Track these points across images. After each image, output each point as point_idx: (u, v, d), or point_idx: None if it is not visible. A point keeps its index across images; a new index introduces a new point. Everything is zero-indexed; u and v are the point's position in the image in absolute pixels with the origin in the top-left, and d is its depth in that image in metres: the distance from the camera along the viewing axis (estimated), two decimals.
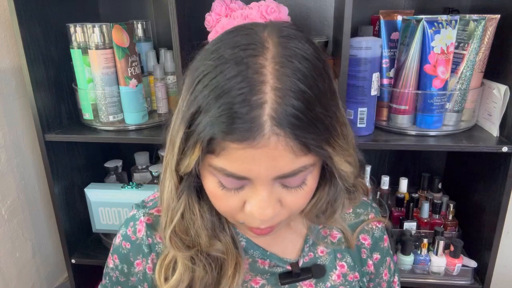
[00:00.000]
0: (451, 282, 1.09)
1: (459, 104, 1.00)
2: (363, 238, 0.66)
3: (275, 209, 0.47)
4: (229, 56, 0.43)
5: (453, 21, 0.91)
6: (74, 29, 1.04)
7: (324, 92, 0.44)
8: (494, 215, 1.01)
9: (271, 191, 0.46)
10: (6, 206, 1.19)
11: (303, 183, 0.47)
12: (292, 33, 0.46)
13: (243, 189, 0.47)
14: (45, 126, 1.07)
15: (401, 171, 1.38)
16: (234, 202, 0.48)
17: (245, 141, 0.41)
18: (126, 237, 0.61)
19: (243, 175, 0.44)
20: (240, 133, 0.41)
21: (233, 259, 0.56)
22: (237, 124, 0.41)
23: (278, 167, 0.43)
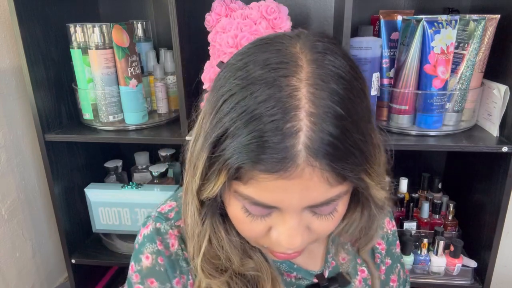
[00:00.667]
0: (451, 282, 1.08)
1: (459, 104, 1.00)
2: (378, 243, 0.65)
3: (304, 237, 0.44)
4: (258, 76, 0.39)
5: (453, 21, 0.91)
6: (74, 29, 1.04)
7: (362, 115, 0.40)
8: (494, 215, 1.01)
9: (301, 219, 0.43)
10: (6, 206, 1.19)
11: (334, 210, 0.45)
12: (327, 47, 0.42)
13: (270, 216, 0.44)
14: (45, 126, 1.07)
15: (401, 171, 1.38)
16: (259, 227, 0.45)
17: (277, 172, 0.38)
18: (159, 253, 0.54)
19: (272, 205, 0.41)
20: (272, 163, 0.37)
21: (268, 275, 0.53)
22: (268, 154, 0.37)
23: (311, 197, 0.40)
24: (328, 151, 0.37)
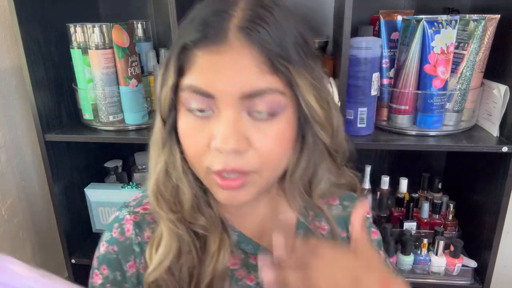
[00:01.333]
0: (451, 282, 1.09)
1: (459, 104, 1.00)
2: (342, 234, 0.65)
3: (240, 142, 0.45)
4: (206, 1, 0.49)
5: (453, 21, 0.91)
6: (74, 29, 1.04)
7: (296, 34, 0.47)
8: (494, 215, 1.01)
9: (237, 118, 0.45)
10: (6, 206, 1.19)
11: (273, 117, 0.46)
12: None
13: (210, 119, 0.47)
14: (45, 126, 1.07)
15: (401, 171, 1.38)
16: (202, 137, 0.47)
17: (210, 45, 0.44)
18: (113, 241, 0.57)
19: (207, 89, 0.45)
20: (207, 36, 0.44)
21: (216, 235, 0.54)
22: (202, 30, 0.45)
23: (242, 80, 0.44)
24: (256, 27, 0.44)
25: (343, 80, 0.93)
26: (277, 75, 0.45)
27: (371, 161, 1.35)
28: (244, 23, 0.44)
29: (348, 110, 0.98)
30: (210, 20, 0.45)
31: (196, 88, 0.46)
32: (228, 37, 0.44)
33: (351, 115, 0.99)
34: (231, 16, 0.45)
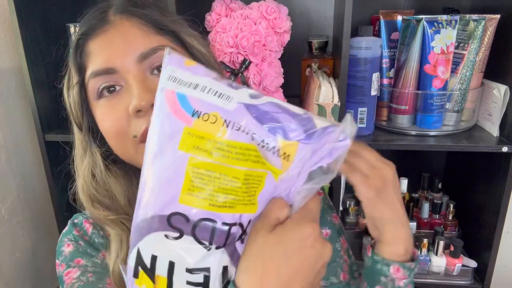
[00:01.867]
0: (451, 282, 1.08)
1: (459, 104, 1.00)
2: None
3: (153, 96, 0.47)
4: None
5: (453, 21, 0.91)
6: (74, 29, 1.04)
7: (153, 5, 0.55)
8: (494, 215, 1.01)
9: (143, 78, 0.49)
10: (6, 206, 1.19)
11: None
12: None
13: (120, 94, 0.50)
14: (45, 126, 1.07)
15: (401, 171, 1.38)
16: (119, 112, 0.50)
17: (96, 29, 0.51)
18: (77, 238, 0.60)
19: (107, 65, 0.49)
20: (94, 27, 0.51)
21: None
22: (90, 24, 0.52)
23: (133, 45, 0.49)
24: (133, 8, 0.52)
25: (343, 80, 0.93)
26: (162, 35, 0.52)
27: None
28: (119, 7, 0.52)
29: (348, 110, 0.98)
30: (92, 16, 0.53)
31: (98, 71, 0.50)
32: (109, 18, 0.51)
33: (351, 115, 0.99)
34: (107, 8, 0.53)
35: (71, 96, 0.55)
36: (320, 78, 0.97)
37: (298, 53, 1.21)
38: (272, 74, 0.97)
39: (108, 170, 0.56)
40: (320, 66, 1.12)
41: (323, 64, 1.12)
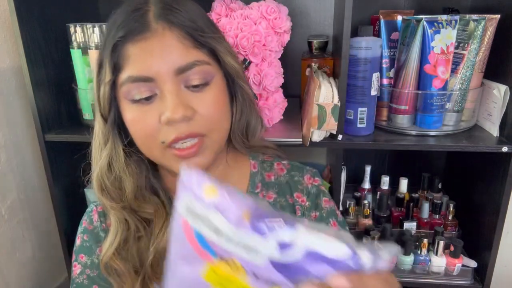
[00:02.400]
0: (451, 282, 1.08)
1: (459, 104, 1.00)
2: (297, 196, 0.69)
3: (187, 110, 0.52)
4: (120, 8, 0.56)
5: (453, 21, 0.91)
6: (74, 29, 1.04)
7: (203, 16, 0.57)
8: (494, 215, 1.01)
9: (178, 92, 0.52)
10: (6, 206, 1.19)
11: (206, 84, 0.54)
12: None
13: (155, 101, 0.53)
14: (45, 126, 1.07)
15: (401, 171, 1.38)
16: (151, 118, 0.53)
17: (137, 35, 0.51)
18: (85, 231, 0.66)
19: (145, 74, 0.51)
20: (134, 31, 0.51)
21: (161, 218, 0.61)
22: (128, 26, 0.52)
23: (172, 58, 0.51)
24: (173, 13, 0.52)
25: (343, 80, 0.93)
26: (200, 49, 0.53)
27: (371, 161, 1.35)
28: (161, 12, 0.52)
29: (348, 110, 0.98)
30: (131, 17, 0.52)
31: (135, 77, 0.51)
32: (151, 24, 0.51)
33: (351, 115, 0.99)
34: (147, 11, 0.53)
35: (101, 90, 0.55)
36: (320, 78, 0.97)
37: (298, 53, 1.21)
38: (272, 74, 0.97)
39: (126, 164, 0.60)
40: (320, 66, 1.12)
41: (323, 64, 1.12)
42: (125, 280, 0.60)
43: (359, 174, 1.33)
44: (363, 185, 1.29)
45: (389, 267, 0.35)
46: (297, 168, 0.73)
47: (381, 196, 1.20)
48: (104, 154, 0.60)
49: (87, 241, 0.65)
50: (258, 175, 0.70)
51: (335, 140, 0.97)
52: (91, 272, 0.64)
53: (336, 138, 0.97)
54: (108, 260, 0.60)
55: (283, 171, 0.72)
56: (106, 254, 0.60)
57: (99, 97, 0.57)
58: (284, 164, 0.73)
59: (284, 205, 0.69)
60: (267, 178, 0.70)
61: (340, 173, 1.03)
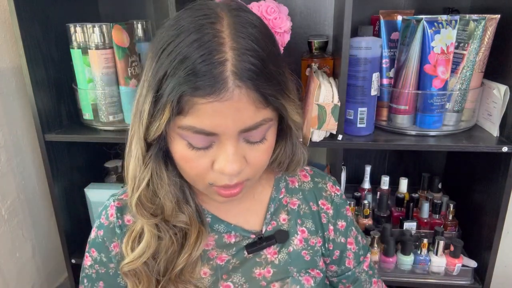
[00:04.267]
0: (451, 282, 1.09)
1: (459, 104, 1.00)
2: (322, 204, 0.70)
3: (242, 164, 0.52)
4: (188, 25, 0.49)
5: (453, 21, 0.91)
6: (74, 29, 1.04)
7: (273, 53, 0.51)
8: (494, 215, 1.01)
9: (237, 146, 0.51)
10: (6, 206, 1.19)
11: (264, 138, 0.53)
12: (240, 6, 0.53)
13: (211, 148, 0.51)
14: (45, 126, 1.07)
15: (401, 171, 1.38)
16: (204, 162, 0.52)
17: (211, 95, 0.46)
18: (100, 226, 0.66)
19: (211, 130, 0.49)
20: (207, 88, 0.46)
21: (196, 228, 0.61)
22: (203, 80, 0.46)
23: (242, 119, 0.48)
24: (251, 76, 0.47)
25: (343, 80, 0.93)
26: (269, 107, 0.51)
27: (371, 161, 1.35)
28: (239, 69, 0.46)
29: (348, 110, 0.98)
30: (205, 69, 0.46)
31: (199, 130, 0.49)
32: (228, 86, 0.46)
33: (351, 115, 0.99)
34: (225, 61, 0.46)
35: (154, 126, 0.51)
36: (320, 78, 0.97)
37: (298, 53, 1.21)
38: None
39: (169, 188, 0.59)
40: (320, 66, 1.12)
41: (323, 64, 1.12)
42: (141, 280, 0.61)
43: (359, 174, 1.33)
44: (363, 185, 1.29)
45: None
46: (319, 175, 0.73)
47: (381, 196, 1.20)
48: (145, 175, 0.57)
49: (100, 237, 0.65)
50: (282, 181, 0.70)
51: (335, 140, 0.98)
52: (100, 268, 0.66)
53: (336, 138, 0.97)
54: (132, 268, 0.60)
55: (306, 178, 0.72)
56: (132, 263, 0.60)
57: (148, 124, 0.52)
58: (307, 170, 0.73)
59: (307, 212, 0.69)
60: (290, 183, 0.71)
61: (340, 173, 1.03)
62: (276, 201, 0.69)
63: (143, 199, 0.58)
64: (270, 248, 0.66)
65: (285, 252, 0.66)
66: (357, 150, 1.36)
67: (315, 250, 0.68)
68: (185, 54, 0.47)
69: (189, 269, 0.61)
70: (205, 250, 0.65)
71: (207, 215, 0.66)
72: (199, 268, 0.63)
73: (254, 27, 0.50)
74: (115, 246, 0.65)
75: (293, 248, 0.67)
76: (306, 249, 0.68)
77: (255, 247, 0.65)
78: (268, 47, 0.50)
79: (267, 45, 0.50)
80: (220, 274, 0.64)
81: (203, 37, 0.47)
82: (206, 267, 0.65)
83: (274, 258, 0.66)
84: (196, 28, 0.48)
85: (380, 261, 1.10)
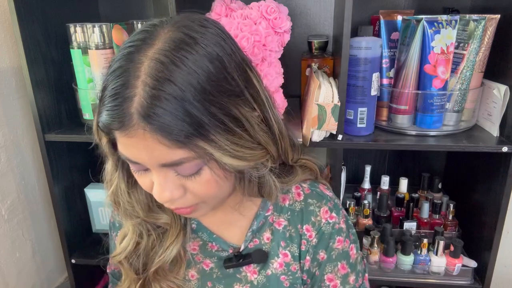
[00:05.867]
0: (451, 282, 1.08)
1: (459, 104, 1.00)
2: (306, 229, 0.64)
3: (174, 193, 0.51)
4: (124, 47, 0.48)
5: (453, 21, 0.91)
6: (74, 29, 1.04)
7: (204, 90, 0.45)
8: (494, 215, 1.01)
9: (166, 177, 0.50)
10: (6, 206, 1.19)
11: (197, 174, 0.50)
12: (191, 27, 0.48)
13: (150, 172, 0.51)
14: (45, 126, 1.07)
15: (401, 171, 1.38)
16: (147, 182, 0.53)
17: (120, 131, 0.46)
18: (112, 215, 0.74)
19: (134, 160, 0.49)
20: (116, 123, 0.46)
21: (176, 230, 0.62)
22: (112, 116, 0.46)
23: (155, 156, 0.47)
24: (156, 117, 0.43)
25: (343, 80, 0.93)
26: (187, 147, 0.46)
27: (371, 161, 1.35)
28: (143, 109, 0.44)
29: (348, 110, 0.98)
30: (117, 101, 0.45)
31: (125, 157, 0.50)
32: (132, 123, 0.45)
33: (351, 115, 0.99)
34: (133, 96, 0.44)
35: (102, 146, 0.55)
36: (320, 78, 0.97)
37: (298, 53, 1.21)
38: (272, 74, 0.97)
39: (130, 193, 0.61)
40: (320, 66, 1.12)
41: (323, 64, 1.12)
42: (126, 277, 0.66)
43: (359, 174, 1.33)
44: (363, 185, 1.29)
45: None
46: (315, 196, 0.65)
47: (381, 196, 1.20)
48: (112, 182, 0.61)
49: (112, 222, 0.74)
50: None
51: (335, 140, 0.98)
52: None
53: (336, 138, 0.97)
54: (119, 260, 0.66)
55: (300, 197, 0.65)
56: (117, 257, 0.65)
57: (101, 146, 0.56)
58: (303, 188, 0.66)
59: (293, 235, 0.64)
60: (281, 201, 0.65)
61: (340, 173, 1.03)
62: (261, 218, 0.65)
63: (117, 200, 0.61)
64: (250, 267, 0.64)
65: (263, 274, 0.64)
66: (357, 150, 1.36)
67: (296, 276, 0.64)
68: (106, 83, 0.47)
69: (173, 269, 0.64)
70: (192, 253, 0.66)
71: (193, 221, 0.67)
72: (183, 270, 0.64)
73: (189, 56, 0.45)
74: (114, 236, 0.73)
75: (271, 272, 0.64)
76: (286, 274, 0.64)
77: (231, 264, 0.64)
78: (201, 84, 0.45)
79: (201, 81, 0.45)
80: (206, 280, 0.65)
81: (124, 65, 0.46)
82: (193, 270, 0.66)
83: (253, 278, 0.64)
84: (125, 54, 0.47)
85: (380, 261, 1.10)
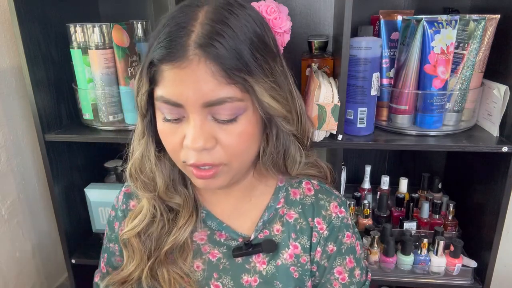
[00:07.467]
0: (451, 282, 1.09)
1: (459, 104, 1.00)
2: (317, 222, 0.67)
3: (208, 141, 0.52)
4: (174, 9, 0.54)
5: (453, 21, 0.91)
6: (74, 29, 1.04)
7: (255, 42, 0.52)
8: (494, 215, 1.01)
9: (203, 122, 0.52)
10: (6, 206, 1.19)
11: (235, 121, 0.53)
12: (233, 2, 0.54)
13: (182, 123, 0.53)
14: (45, 126, 1.07)
15: (401, 171, 1.38)
16: (176, 137, 0.54)
17: (172, 61, 0.49)
18: (113, 207, 0.74)
19: (175, 100, 0.51)
20: (169, 54, 0.49)
21: (187, 212, 0.64)
22: (167, 47, 0.50)
23: (202, 91, 0.49)
24: (213, 48, 0.48)
25: (343, 80, 0.93)
26: (234, 85, 0.50)
27: (371, 161, 1.35)
28: (201, 40, 0.49)
29: (348, 110, 0.98)
30: (173, 37, 0.50)
31: (166, 99, 0.52)
32: (188, 53, 0.49)
33: (351, 115, 0.99)
34: (191, 32, 0.50)
35: (139, 97, 0.57)
36: (320, 78, 0.97)
37: (298, 53, 1.21)
38: None
39: (158, 159, 0.62)
40: (320, 66, 1.12)
41: (323, 64, 1.12)
42: (135, 257, 0.66)
43: (359, 174, 1.33)
44: (363, 185, 1.29)
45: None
46: (325, 192, 0.69)
47: (381, 196, 1.20)
48: (139, 148, 0.63)
49: (111, 216, 0.74)
50: (283, 190, 0.68)
51: (335, 140, 0.98)
52: (107, 242, 0.75)
53: (336, 138, 0.97)
54: (129, 238, 0.66)
55: (310, 192, 0.69)
56: (127, 233, 0.66)
57: (137, 100, 0.58)
58: (313, 184, 0.70)
59: (304, 228, 0.66)
60: (292, 195, 0.68)
61: (340, 173, 1.03)
62: (272, 210, 0.67)
63: (135, 170, 0.63)
64: (259, 257, 0.65)
65: (273, 264, 0.65)
66: (357, 150, 1.36)
67: (305, 268, 0.66)
68: (159, 29, 0.52)
69: (181, 255, 0.65)
70: (198, 244, 0.67)
71: (202, 210, 0.68)
72: (190, 257, 0.65)
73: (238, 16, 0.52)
74: (116, 225, 0.73)
75: (281, 262, 0.65)
76: (295, 265, 0.66)
77: (241, 252, 0.64)
78: (249, 34, 0.51)
79: (248, 32, 0.51)
80: (212, 271, 0.66)
81: (181, 13, 0.52)
82: (199, 261, 0.66)
83: (262, 269, 0.65)
84: (179, 8, 0.53)
85: (380, 261, 1.10)
